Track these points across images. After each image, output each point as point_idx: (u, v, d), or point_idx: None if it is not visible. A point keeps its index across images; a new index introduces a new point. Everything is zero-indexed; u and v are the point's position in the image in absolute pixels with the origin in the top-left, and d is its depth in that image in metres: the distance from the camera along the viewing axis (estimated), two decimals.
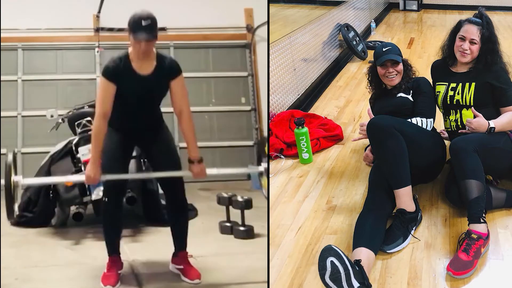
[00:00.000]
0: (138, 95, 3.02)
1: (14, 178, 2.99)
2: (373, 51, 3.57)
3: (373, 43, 7.37)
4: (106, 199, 3.06)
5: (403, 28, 9.12)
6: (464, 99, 3.20)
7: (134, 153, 3.40)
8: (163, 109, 3.19)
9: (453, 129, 3.30)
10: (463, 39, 3.19)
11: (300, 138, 3.85)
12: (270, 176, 3.70)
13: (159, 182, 3.25)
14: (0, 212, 4.07)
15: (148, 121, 3.12)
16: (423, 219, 3.03)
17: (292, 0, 6.32)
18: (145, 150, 3.22)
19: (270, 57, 4.64)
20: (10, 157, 3.04)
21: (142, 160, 4.37)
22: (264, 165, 3.31)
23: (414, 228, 2.92)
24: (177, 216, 3.18)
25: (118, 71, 2.96)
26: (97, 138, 2.97)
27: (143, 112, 3.08)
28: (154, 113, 3.16)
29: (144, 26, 2.88)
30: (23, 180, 3.04)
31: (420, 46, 7.53)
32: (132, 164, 3.96)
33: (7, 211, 3.00)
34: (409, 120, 3.18)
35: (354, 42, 6.81)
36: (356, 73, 6.27)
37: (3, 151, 6.39)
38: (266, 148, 3.77)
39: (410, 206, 2.90)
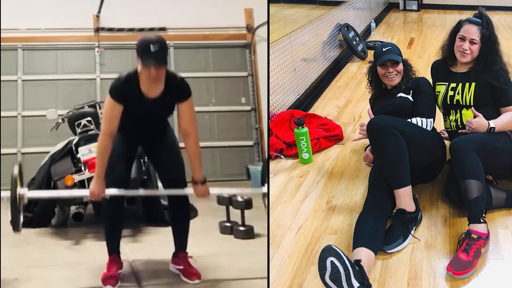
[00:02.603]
0: (145, 114, 3.01)
1: (19, 190, 2.96)
2: (373, 51, 3.57)
3: (373, 43, 7.36)
4: (108, 199, 3.04)
5: (403, 28, 9.11)
6: (464, 99, 3.20)
7: None
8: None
9: (453, 129, 3.29)
10: (463, 39, 3.19)
11: (300, 138, 3.85)
12: (270, 176, 3.70)
13: (161, 182, 3.24)
14: (0, 213, 4.09)
15: (154, 129, 3.13)
16: (423, 219, 3.03)
17: (292, 0, 6.32)
18: (149, 152, 3.23)
19: (270, 57, 4.64)
20: (16, 170, 2.99)
21: (142, 160, 4.37)
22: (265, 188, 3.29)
23: (414, 228, 2.92)
24: (179, 216, 3.17)
25: (125, 93, 2.93)
26: (102, 156, 2.96)
27: (149, 124, 3.09)
28: (161, 123, 3.16)
29: (153, 52, 2.81)
30: (29, 193, 3.04)
31: (420, 46, 7.52)
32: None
33: (13, 223, 2.96)
34: (409, 120, 3.18)
35: (354, 42, 6.81)
36: (356, 73, 6.26)
37: (3, 151, 6.50)
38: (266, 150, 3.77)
39: (410, 206, 2.90)
